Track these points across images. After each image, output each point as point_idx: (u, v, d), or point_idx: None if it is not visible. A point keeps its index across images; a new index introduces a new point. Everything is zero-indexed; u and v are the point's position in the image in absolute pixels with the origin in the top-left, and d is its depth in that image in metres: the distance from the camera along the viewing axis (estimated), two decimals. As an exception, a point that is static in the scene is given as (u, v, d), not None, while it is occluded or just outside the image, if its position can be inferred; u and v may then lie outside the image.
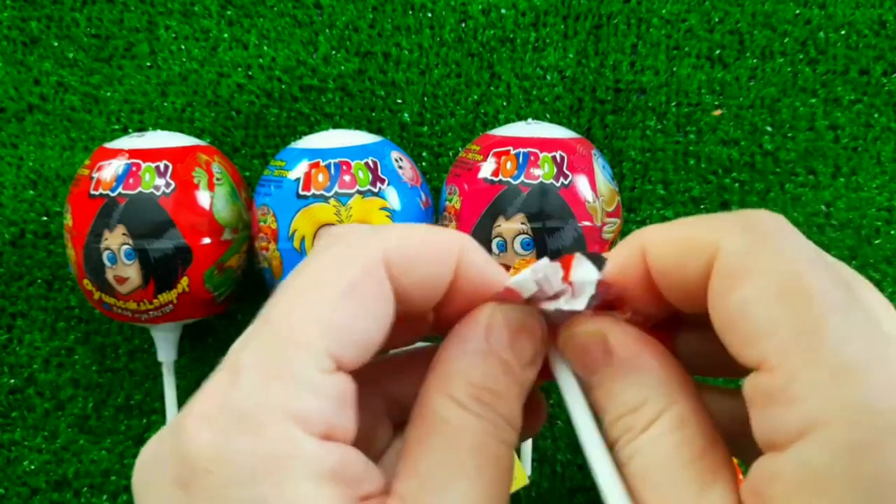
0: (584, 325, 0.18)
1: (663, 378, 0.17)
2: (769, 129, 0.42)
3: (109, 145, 0.37)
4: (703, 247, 0.16)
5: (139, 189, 0.35)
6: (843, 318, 0.14)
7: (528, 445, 0.41)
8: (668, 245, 0.17)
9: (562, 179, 0.35)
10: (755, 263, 0.15)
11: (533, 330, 0.18)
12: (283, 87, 0.44)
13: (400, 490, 0.15)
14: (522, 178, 0.35)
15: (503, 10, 0.43)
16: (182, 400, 0.41)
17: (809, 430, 0.13)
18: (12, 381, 0.43)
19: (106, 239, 0.35)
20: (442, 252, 0.17)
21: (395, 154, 0.37)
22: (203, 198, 0.36)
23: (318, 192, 0.35)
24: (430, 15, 0.43)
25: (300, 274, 0.16)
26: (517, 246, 0.35)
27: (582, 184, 0.35)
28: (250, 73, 0.44)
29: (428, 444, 0.16)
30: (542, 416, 0.20)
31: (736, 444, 0.17)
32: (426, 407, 0.16)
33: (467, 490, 0.15)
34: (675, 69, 0.42)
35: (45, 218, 0.44)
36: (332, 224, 0.35)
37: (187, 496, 0.14)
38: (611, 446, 0.17)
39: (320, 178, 0.35)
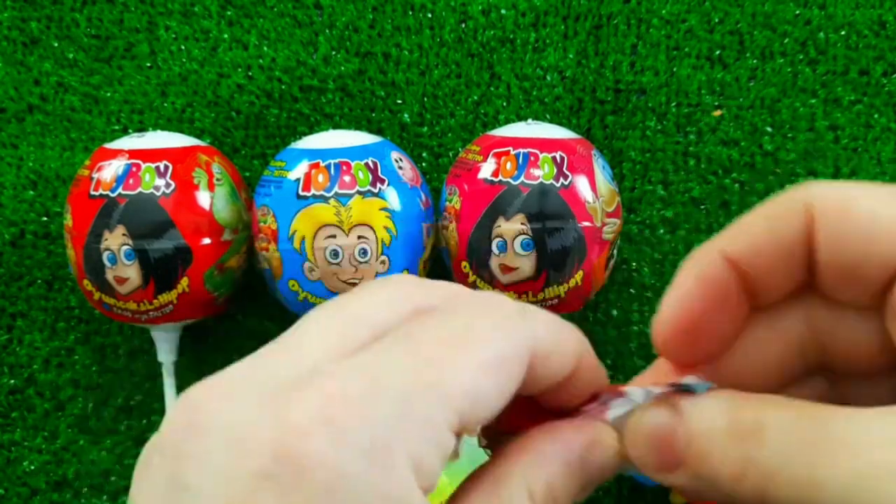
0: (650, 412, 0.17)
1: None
2: (769, 129, 0.42)
3: (109, 146, 0.37)
4: (795, 206, 0.15)
5: (139, 189, 0.35)
6: None
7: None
8: (762, 219, 0.16)
9: (562, 180, 0.35)
10: (855, 191, 0.14)
11: (610, 464, 0.17)
12: (283, 87, 0.44)
13: None
14: (522, 178, 0.35)
15: (503, 11, 0.43)
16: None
17: None
18: (12, 381, 0.43)
19: (106, 239, 0.35)
20: (572, 350, 0.17)
21: (395, 154, 0.37)
22: (203, 198, 0.36)
23: (318, 193, 0.35)
24: (430, 15, 0.43)
25: (453, 315, 0.15)
26: (517, 246, 0.35)
27: (582, 184, 0.35)
28: (250, 73, 0.44)
29: None
30: None
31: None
32: (503, 482, 0.16)
33: None
34: (675, 69, 0.42)
35: (45, 218, 0.44)
36: (333, 224, 0.35)
37: (261, 493, 0.12)
38: None
39: (320, 178, 0.35)
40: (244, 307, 0.43)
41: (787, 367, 0.19)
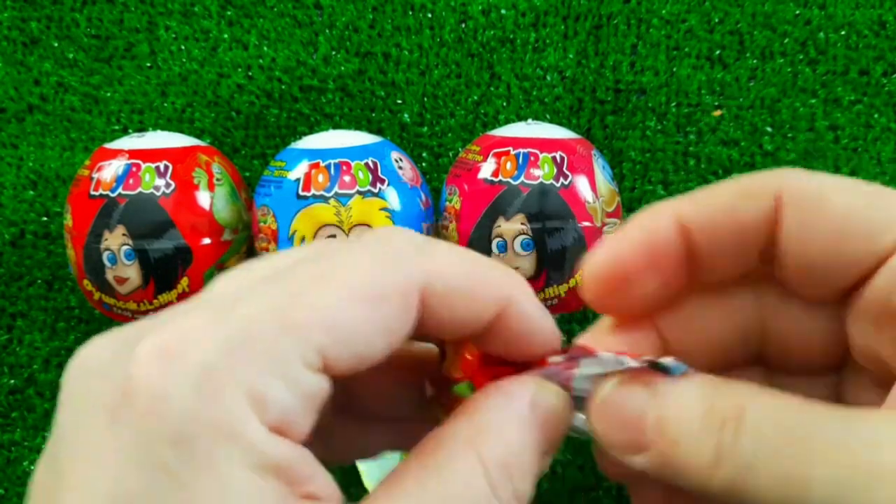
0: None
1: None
2: (769, 129, 0.42)
3: (109, 146, 0.37)
4: (763, 191, 0.15)
5: (139, 189, 0.35)
6: None
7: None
8: (724, 198, 0.16)
9: (562, 180, 0.35)
10: (829, 184, 0.14)
11: (563, 423, 0.16)
12: (283, 87, 0.44)
13: None
14: (522, 178, 0.35)
15: (503, 11, 0.43)
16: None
17: None
18: (12, 381, 0.43)
19: (106, 239, 0.35)
20: (488, 292, 0.16)
21: (395, 154, 0.37)
22: (203, 198, 0.36)
23: (318, 193, 0.35)
24: (430, 15, 0.43)
25: (333, 255, 0.15)
26: (517, 246, 0.35)
27: (582, 184, 0.35)
28: (250, 73, 0.44)
29: (420, 483, 0.14)
30: None
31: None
32: (446, 451, 0.15)
33: None
34: (675, 69, 0.42)
35: (45, 218, 0.44)
36: (333, 224, 0.35)
37: (111, 426, 0.13)
38: None
39: (320, 178, 0.35)
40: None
41: (729, 351, 0.18)
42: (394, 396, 0.20)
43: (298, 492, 0.13)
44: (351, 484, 0.38)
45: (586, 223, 0.35)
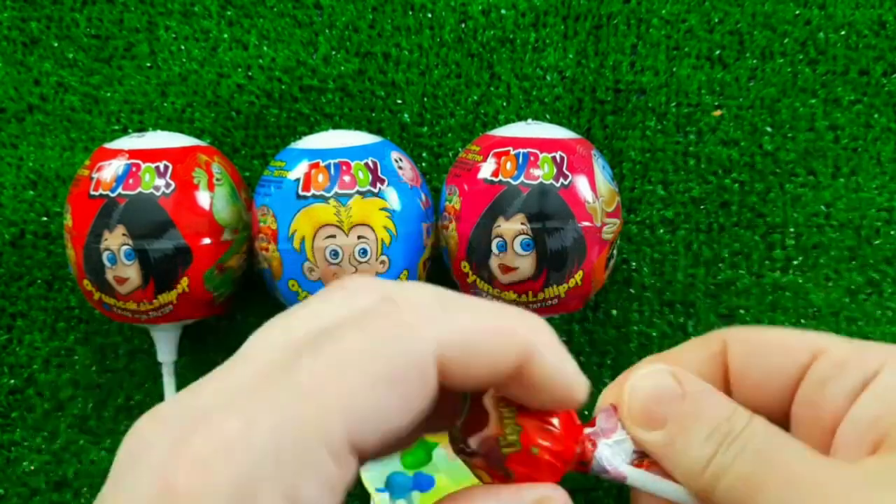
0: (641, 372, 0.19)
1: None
2: (769, 129, 0.42)
3: (109, 146, 0.37)
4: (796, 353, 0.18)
5: (139, 189, 0.35)
6: None
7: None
8: (759, 347, 0.19)
9: (562, 180, 0.35)
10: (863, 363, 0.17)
11: None
12: (283, 87, 0.44)
13: None
14: (522, 178, 0.35)
15: (503, 11, 0.43)
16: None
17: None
18: (12, 381, 0.43)
19: (106, 239, 0.35)
20: (506, 348, 0.16)
21: (394, 154, 0.37)
22: (203, 198, 0.36)
23: (317, 193, 0.35)
24: (430, 15, 0.43)
25: (341, 337, 0.15)
26: (517, 246, 0.35)
27: (582, 184, 0.35)
28: (250, 73, 0.44)
29: None
30: None
31: None
32: None
33: None
34: (675, 69, 0.42)
35: (45, 218, 0.44)
36: (332, 224, 0.35)
37: None
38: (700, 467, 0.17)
39: (320, 178, 0.35)
40: (244, 307, 0.43)
41: None
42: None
43: None
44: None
45: (586, 223, 0.35)
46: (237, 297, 0.41)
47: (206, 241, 0.36)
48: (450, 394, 0.16)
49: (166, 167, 0.36)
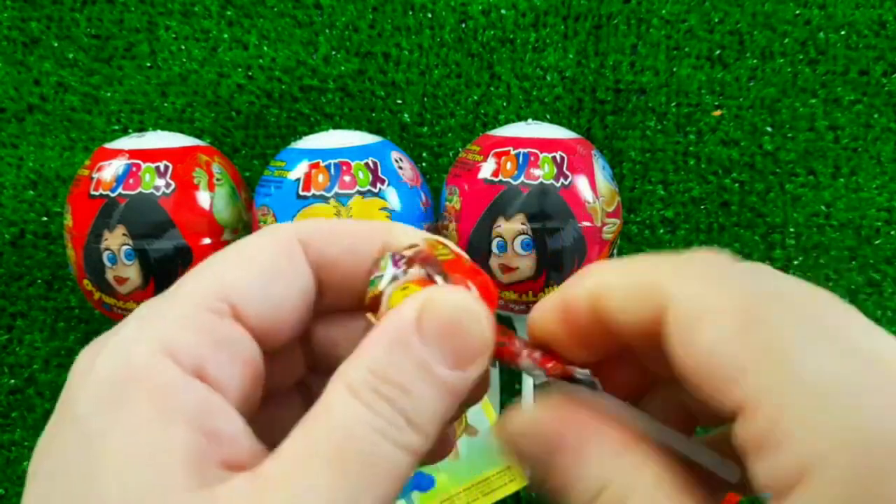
0: (526, 416, 0.17)
1: (620, 451, 0.15)
2: (769, 129, 0.42)
3: (109, 146, 0.37)
4: (652, 295, 0.15)
5: (139, 189, 0.35)
6: (810, 343, 0.13)
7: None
8: (620, 291, 0.16)
9: (562, 180, 0.35)
10: (707, 306, 0.14)
11: (475, 332, 0.15)
12: (284, 87, 0.44)
13: (266, 469, 0.14)
14: (522, 178, 0.35)
15: (503, 11, 0.43)
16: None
17: (807, 474, 0.12)
18: (12, 381, 0.43)
19: (106, 239, 0.35)
20: (365, 231, 0.18)
21: (395, 154, 0.37)
22: (203, 198, 0.36)
23: (318, 193, 0.35)
24: (430, 15, 0.43)
25: (212, 256, 0.17)
26: (517, 246, 0.35)
27: (582, 184, 0.35)
28: (250, 73, 0.44)
29: (305, 429, 0.14)
30: (447, 447, 0.18)
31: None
32: (325, 391, 0.15)
33: (329, 486, 0.13)
34: (675, 69, 0.42)
35: (45, 218, 0.44)
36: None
37: (61, 405, 0.15)
38: None
39: (320, 178, 0.35)
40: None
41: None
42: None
43: (217, 454, 0.14)
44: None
45: (586, 223, 0.35)
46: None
47: (207, 241, 0.36)
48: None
49: (166, 167, 0.36)
